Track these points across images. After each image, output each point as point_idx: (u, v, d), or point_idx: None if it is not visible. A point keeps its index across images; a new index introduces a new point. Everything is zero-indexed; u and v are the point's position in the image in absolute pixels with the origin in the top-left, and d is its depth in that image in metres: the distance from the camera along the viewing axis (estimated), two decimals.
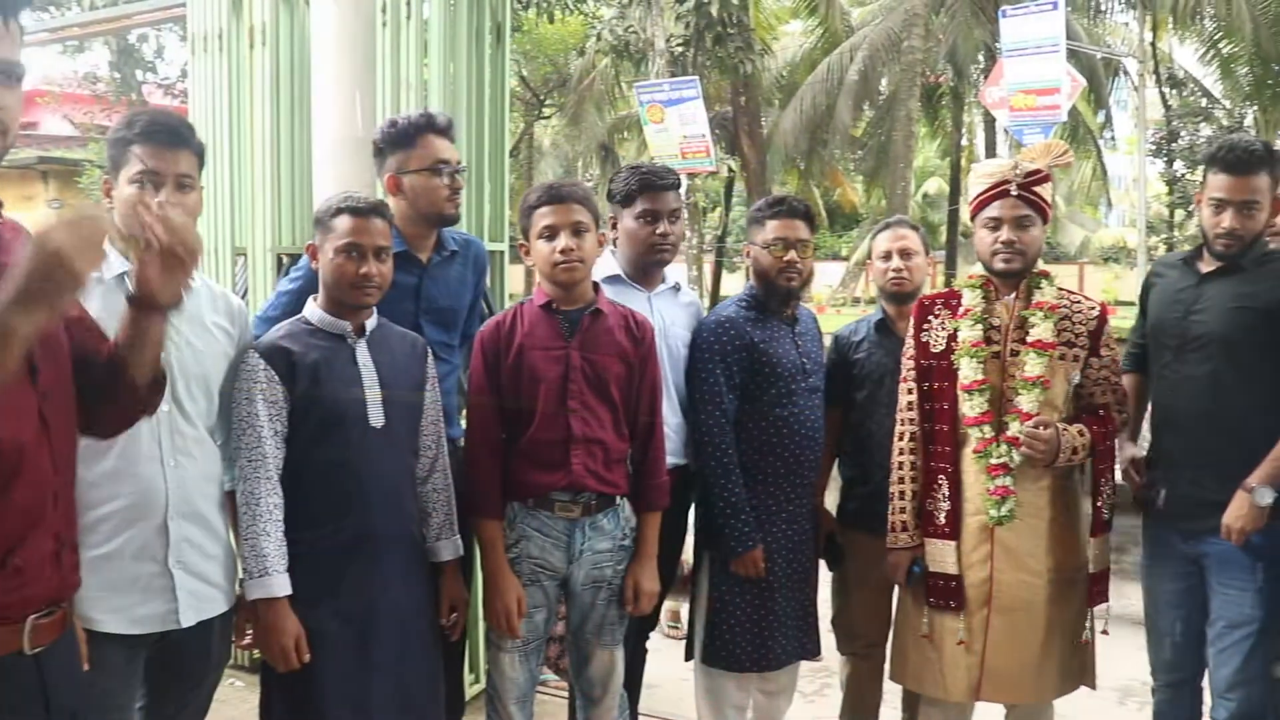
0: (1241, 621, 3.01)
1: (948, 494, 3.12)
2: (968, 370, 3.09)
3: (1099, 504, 3.12)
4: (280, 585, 2.56)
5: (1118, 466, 3.24)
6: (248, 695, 4.05)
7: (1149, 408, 3.43)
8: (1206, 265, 3.16)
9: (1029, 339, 3.07)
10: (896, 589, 3.40)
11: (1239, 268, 3.07)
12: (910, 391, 3.23)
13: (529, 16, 20.15)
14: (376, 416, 2.71)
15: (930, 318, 3.23)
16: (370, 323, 2.79)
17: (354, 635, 2.67)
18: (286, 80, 4.29)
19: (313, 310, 2.76)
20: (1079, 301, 3.18)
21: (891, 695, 3.77)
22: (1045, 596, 3.08)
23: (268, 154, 4.27)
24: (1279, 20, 19.24)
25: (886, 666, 3.49)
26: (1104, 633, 3.23)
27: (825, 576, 3.68)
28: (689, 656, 3.50)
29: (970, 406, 3.08)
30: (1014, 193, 3.06)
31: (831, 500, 3.74)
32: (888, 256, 3.63)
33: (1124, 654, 3.38)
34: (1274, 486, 2.93)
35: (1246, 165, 3.00)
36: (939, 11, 19.03)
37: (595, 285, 3.06)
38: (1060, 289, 3.16)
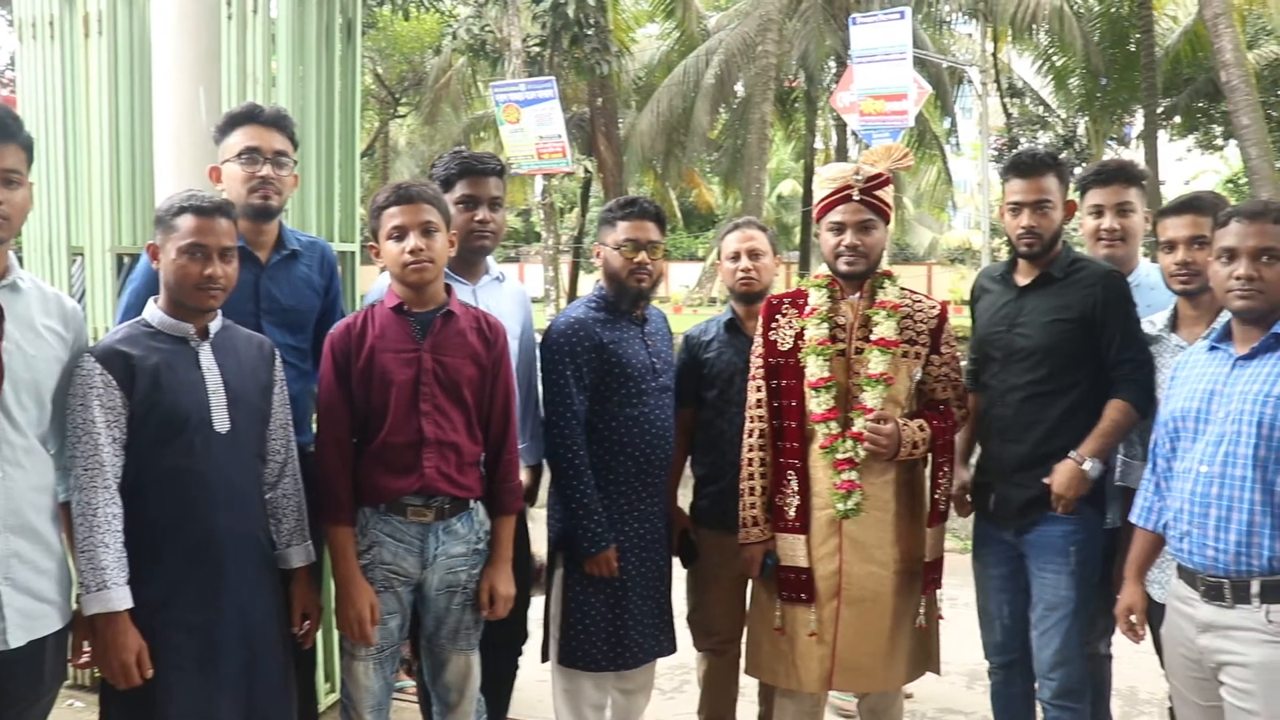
0: (1057, 603, 3.18)
1: (797, 489, 3.20)
2: (814, 368, 3.17)
3: (936, 496, 3.25)
4: (120, 598, 2.47)
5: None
6: (86, 716, 3.90)
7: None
8: (1023, 277, 3.33)
9: (873, 337, 3.17)
10: (750, 585, 3.46)
11: (1052, 279, 3.25)
12: (759, 389, 3.30)
13: (384, 13, 19.81)
14: (221, 421, 2.64)
15: (778, 317, 3.31)
16: (214, 325, 2.71)
17: (199, 647, 2.59)
18: (125, 71, 4.13)
19: (153, 312, 2.67)
20: (920, 301, 3.29)
21: (748, 689, 3.85)
22: (892, 587, 3.18)
23: (105, 149, 4.10)
24: (1106, 37, 20.36)
25: (742, 661, 3.55)
26: (940, 618, 3.36)
27: (680, 574, 3.72)
28: (545, 657, 3.50)
29: (817, 403, 3.16)
30: (856, 198, 3.16)
31: (685, 498, 3.78)
32: (736, 257, 3.69)
33: (972, 640, 3.52)
34: (1099, 460, 3.12)
35: (1034, 168, 3.25)
36: (792, 17, 19.43)
37: (448, 287, 3.03)
38: (902, 289, 3.28)
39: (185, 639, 2.57)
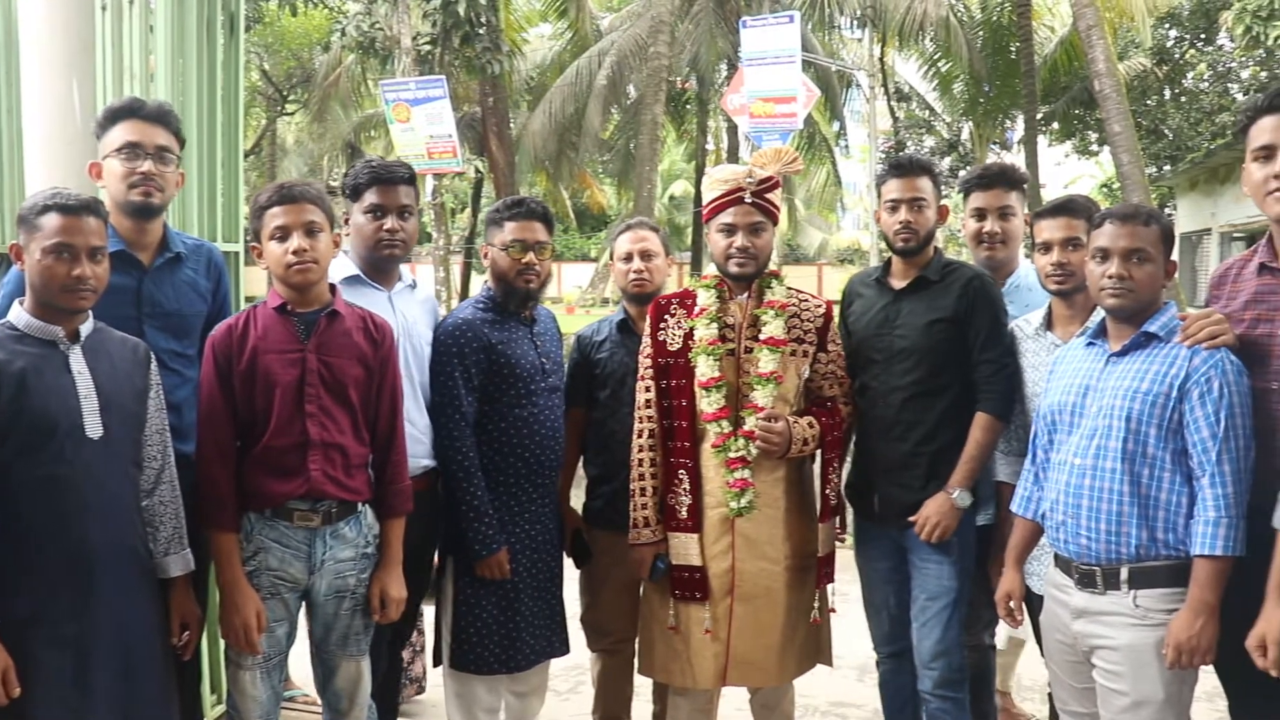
0: (939, 593, 3.26)
1: (688, 488, 3.22)
2: (705, 367, 3.20)
3: (826, 491, 3.30)
4: None
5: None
6: None
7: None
8: (898, 281, 3.41)
9: (761, 336, 3.21)
10: (642, 585, 3.47)
11: (928, 282, 3.34)
12: (648, 389, 3.31)
13: (270, 8, 19.37)
14: (94, 427, 2.54)
15: (666, 317, 3.33)
16: (85, 327, 2.62)
17: (72, 662, 2.50)
18: None
19: (18, 314, 2.56)
20: (807, 300, 3.35)
21: (643, 688, 3.86)
22: (784, 583, 3.23)
23: None
24: (987, 45, 20.98)
25: (636, 661, 3.56)
26: (832, 610, 3.42)
27: (573, 574, 3.72)
28: (437, 661, 3.46)
29: (708, 403, 3.19)
30: (748, 200, 3.19)
31: (579, 499, 3.78)
32: (629, 258, 3.69)
33: (863, 634, 3.59)
34: (968, 488, 3.20)
35: (910, 169, 3.37)
36: (684, 19, 19.55)
37: (332, 287, 2.98)
38: (790, 288, 3.33)
39: (57, 654, 2.47)
